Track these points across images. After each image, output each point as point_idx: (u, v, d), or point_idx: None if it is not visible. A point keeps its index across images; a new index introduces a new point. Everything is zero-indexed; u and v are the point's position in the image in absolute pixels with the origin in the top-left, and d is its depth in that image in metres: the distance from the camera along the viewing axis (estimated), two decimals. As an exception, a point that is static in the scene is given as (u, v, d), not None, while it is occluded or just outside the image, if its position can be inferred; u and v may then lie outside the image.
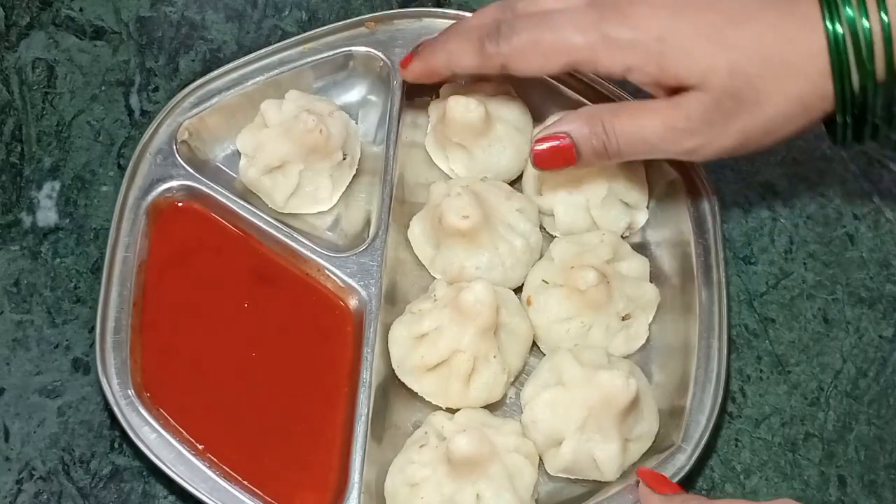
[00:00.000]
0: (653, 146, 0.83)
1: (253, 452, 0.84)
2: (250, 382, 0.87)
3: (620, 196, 0.92)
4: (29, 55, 1.03)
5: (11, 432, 0.87)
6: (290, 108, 0.93)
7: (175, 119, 0.94)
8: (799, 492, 0.87)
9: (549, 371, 0.85)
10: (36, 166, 0.98)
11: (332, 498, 0.82)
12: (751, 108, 0.79)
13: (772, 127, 0.80)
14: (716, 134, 0.81)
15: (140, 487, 0.86)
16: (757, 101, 0.79)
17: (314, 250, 0.91)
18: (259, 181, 0.93)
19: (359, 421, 0.83)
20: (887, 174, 1.00)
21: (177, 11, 1.06)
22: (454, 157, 0.95)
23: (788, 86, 0.78)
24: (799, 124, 0.81)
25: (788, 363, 0.92)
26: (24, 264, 0.93)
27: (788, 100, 0.79)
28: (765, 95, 0.78)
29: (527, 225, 0.91)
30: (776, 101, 0.79)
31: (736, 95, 0.78)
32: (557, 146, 0.85)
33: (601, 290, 0.85)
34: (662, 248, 0.93)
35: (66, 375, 0.89)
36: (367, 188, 0.96)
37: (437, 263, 0.91)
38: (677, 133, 0.81)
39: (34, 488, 0.85)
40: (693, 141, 0.81)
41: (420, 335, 0.85)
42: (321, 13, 1.06)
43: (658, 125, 0.82)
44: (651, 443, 0.84)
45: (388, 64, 0.97)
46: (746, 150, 0.83)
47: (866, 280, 0.95)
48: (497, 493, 0.79)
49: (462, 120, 0.91)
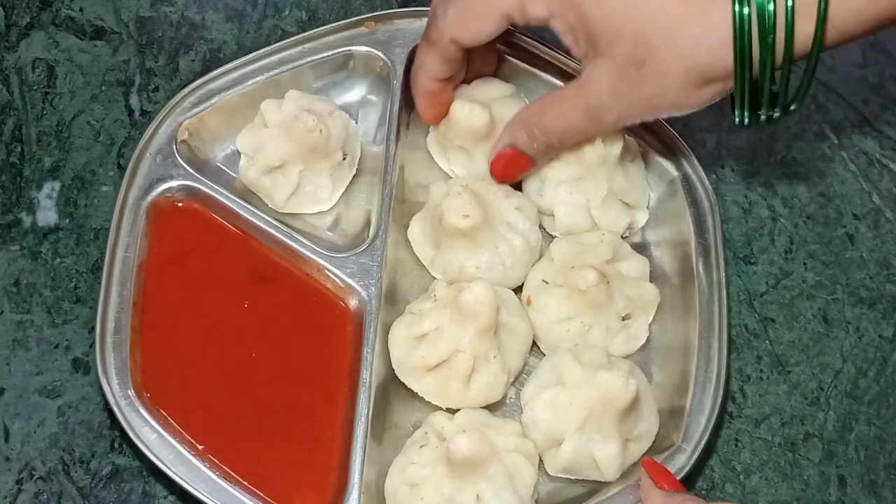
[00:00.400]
0: (583, 129, 0.87)
1: (253, 452, 0.84)
2: (250, 382, 0.87)
3: (620, 196, 0.92)
4: (29, 55, 1.03)
5: (11, 432, 0.87)
6: (290, 108, 0.93)
7: (175, 119, 0.94)
8: (799, 492, 0.87)
9: (549, 371, 0.85)
10: (36, 166, 0.98)
11: (333, 498, 0.82)
12: (653, 78, 0.80)
13: (676, 98, 0.81)
14: (626, 105, 0.82)
15: (140, 487, 0.86)
16: (659, 71, 0.79)
17: (314, 250, 0.90)
18: (259, 181, 0.93)
19: (359, 421, 0.83)
20: (887, 174, 1.00)
21: (177, 11, 1.06)
22: (455, 159, 0.95)
23: (689, 59, 0.78)
24: (704, 97, 0.81)
25: (788, 363, 0.92)
26: (24, 264, 0.93)
27: (689, 73, 0.79)
28: (666, 66, 0.79)
29: (526, 223, 0.91)
30: (677, 73, 0.79)
31: (639, 64, 0.79)
32: (508, 158, 0.89)
33: (601, 290, 0.85)
34: (662, 248, 0.94)
35: (66, 375, 0.89)
36: (367, 188, 0.96)
37: (437, 263, 0.91)
38: (595, 111, 0.84)
39: (34, 488, 0.85)
40: (611, 115, 0.84)
41: (420, 335, 0.85)
42: (321, 13, 1.06)
43: (578, 110, 0.84)
44: (651, 443, 0.84)
45: (388, 64, 0.97)
46: (660, 115, 0.85)
47: (866, 280, 0.95)
48: (497, 494, 0.79)
49: (466, 124, 0.91)
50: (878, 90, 1.04)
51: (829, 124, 1.02)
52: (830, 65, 1.05)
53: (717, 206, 0.92)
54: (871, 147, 1.01)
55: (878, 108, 1.03)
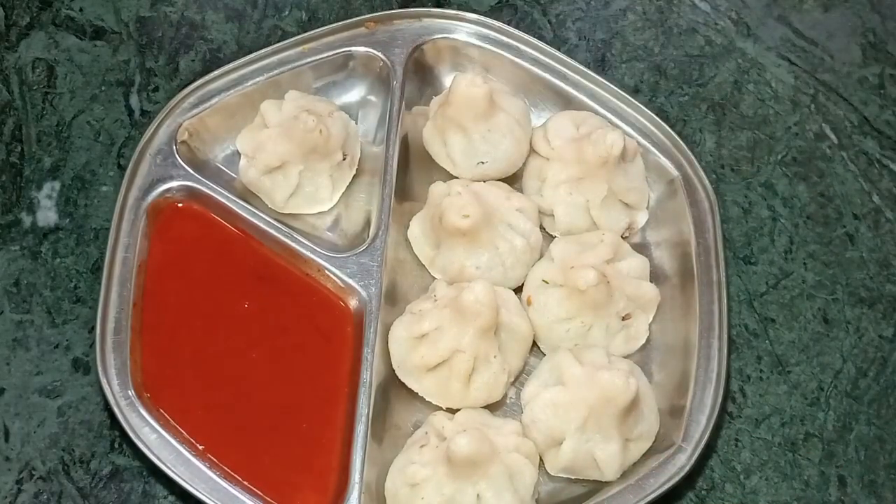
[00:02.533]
0: None
1: (253, 453, 0.84)
2: (250, 382, 0.87)
3: (620, 196, 0.92)
4: (29, 55, 1.03)
5: (11, 432, 0.87)
6: (289, 108, 0.93)
7: (175, 119, 0.94)
8: (799, 492, 0.87)
9: (550, 371, 0.85)
10: (36, 166, 0.98)
11: (333, 498, 0.82)
12: None
13: None
14: None
15: (140, 487, 0.86)
16: None
17: (314, 250, 0.90)
18: (259, 181, 0.93)
19: (359, 421, 0.83)
20: (887, 174, 1.00)
21: (177, 11, 1.05)
22: (452, 142, 0.93)
23: None
24: None
25: (788, 363, 0.92)
26: (24, 264, 0.93)
27: None
28: None
29: (527, 224, 0.91)
30: None
31: None
32: None
33: (601, 290, 0.85)
34: (662, 248, 0.93)
35: (66, 375, 0.89)
36: (367, 188, 0.96)
37: (437, 263, 0.91)
38: None
39: (34, 488, 0.85)
40: None
41: (420, 335, 0.85)
42: (321, 13, 1.06)
43: None
44: (651, 443, 0.84)
45: (388, 64, 0.97)
46: None
47: (866, 280, 0.95)
48: (497, 494, 0.79)
49: (467, 94, 0.91)
50: (878, 90, 1.04)
51: (829, 124, 1.02)
52: (830, 65, 1.05)
53: (717, 206, 0.92)
54: (871, 147, 1.01)
55: (877, 108, 1.03)
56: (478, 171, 0.93)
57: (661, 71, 1.04)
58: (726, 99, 1.03)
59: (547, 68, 0.98)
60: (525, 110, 0.96)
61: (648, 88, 1.03)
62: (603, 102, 0.97)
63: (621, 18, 1.07)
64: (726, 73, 1.04)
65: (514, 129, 0.93)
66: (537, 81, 0.98)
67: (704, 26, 1.06)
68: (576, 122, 0.94)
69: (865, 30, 1.07)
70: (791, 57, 1.05)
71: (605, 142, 0.89)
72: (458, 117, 0.92)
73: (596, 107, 0.97)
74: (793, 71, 1.04)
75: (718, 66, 1.04)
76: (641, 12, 1.07)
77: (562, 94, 0.97)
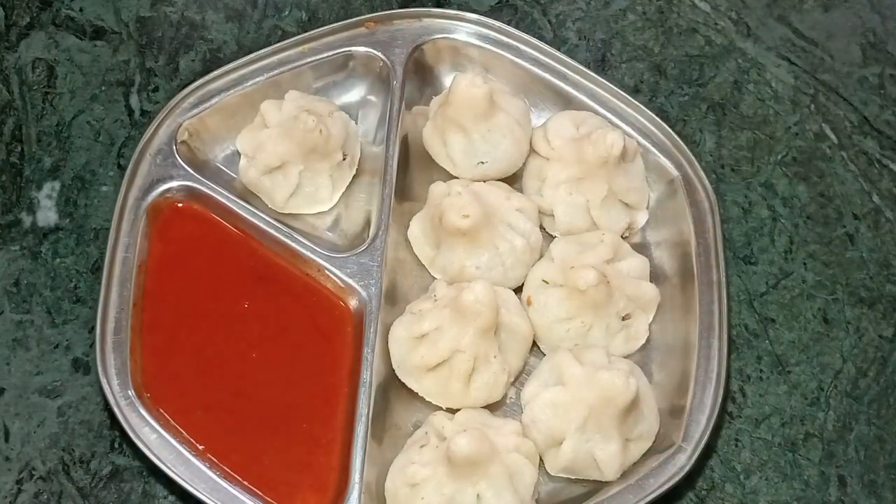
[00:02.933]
0: None
1: (253, 453, 0.84)
2: (250, 383, 0.87)
3: (620, 196, 0.92)
4: (29, 55, 1.03)
5: (11, 432, 0.87)
6: (289, 108, 0.93)
7: (175, 119, 0.94)
8: (799, 492, 0.87)
9: (550, 371, 0.85)
10: (36, 166, 0.98)
11: (333, 498, 0.82)
12: None
13: None
14: None
15: (140, 487, 0.86)
16: None
17: (314, 250, 0.90)
18: (259, 181, 0.93)
19: (359, 421, 0.83)
20: (887, 174, 1.00)
21: (177, 11, 1.05)
22: (452, 142, 0.93)
23: None
24: None
25: (788, 363, 0.92)
26: (24, 264, 0.93)
27: None
28: None
29: (527, 224, 0.91)
30: None
31: None
32: None
33: (601, 290, 0.85)
34: (662, 248, 0.93)
35: (66, 375, 0.89)
36: (367, 188, 0.96)
37: (437, 263, 0.91)
38: None
39: (34, 488, 0.85)
40: None
41: (420, 335, 0.85)
42: (321, 13, 1.06)
43: None
44: (651, 443, 0.84)
45: (388, 64, 0.97)
46: None
47: (866, 280, 0.95)
48: (497, 494, 0.79)
49: (467, 94, 0.91)
50: (878, 90, 1.04)
51: (829, 124, 1.02)
52: (830, 65, 1.05)
53: (717, 206, 0.92)
54: (871, 147, 1.01)
55: (878, 108, 1.03)
56: (478, 171, 0.93)
57: (661, 71, 1.04)
58: (726, 99, 1.03)
59: (547, 68, 0.98)
60: (525, 110, 0.96)
61: (648, 88, 1.03)
62: (603, 102, 0.97)
63: (621, 18, 1.07)
64: (726, 73, 1.04)
65: (514, 129, 0.93)
66: (537, 81, 0.98)
67: (704, 26, 1.06)
68: (576, 122, 0.94)
69: (865, 30, 1.07)
70: (791, 57, 1.05)
71: (605, 142, 0.89)
72: (458, 117, 0.92)
73: (596, 107, 0.97)
74: (793, 71, 1.04)
75: (718, 66, 1.04)
76: (641, 12, 1.07)
77: (562, 94, 0.98)
